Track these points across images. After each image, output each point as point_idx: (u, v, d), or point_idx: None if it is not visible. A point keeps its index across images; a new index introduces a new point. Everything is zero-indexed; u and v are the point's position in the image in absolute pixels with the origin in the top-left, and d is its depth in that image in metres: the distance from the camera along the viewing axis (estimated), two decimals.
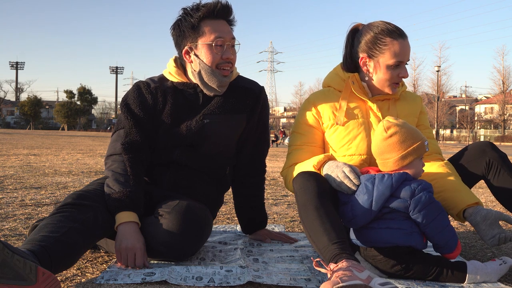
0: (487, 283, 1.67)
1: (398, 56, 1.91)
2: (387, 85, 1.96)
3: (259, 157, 2.24)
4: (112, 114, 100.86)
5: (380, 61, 1.93)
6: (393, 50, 1.91)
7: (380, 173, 1.72)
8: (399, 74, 1.95)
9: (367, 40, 1.95)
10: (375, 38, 1.93)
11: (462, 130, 53.66)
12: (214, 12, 1.98)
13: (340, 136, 1.97)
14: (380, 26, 1.94)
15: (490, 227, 1.75)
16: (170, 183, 2.04)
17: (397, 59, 1.91)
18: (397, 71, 1.94)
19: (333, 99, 2.03)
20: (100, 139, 23.87)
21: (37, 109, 66.28)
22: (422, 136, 1.77)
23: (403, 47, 1.92)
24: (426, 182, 1.70)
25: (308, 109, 2.05)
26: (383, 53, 1.92)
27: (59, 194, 3.83)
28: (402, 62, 1.94)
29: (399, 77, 1.96)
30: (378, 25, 1.95)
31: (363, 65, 1.98)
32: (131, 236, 1.77)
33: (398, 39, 1.91)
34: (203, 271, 1.69)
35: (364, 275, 1.44)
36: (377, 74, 1.96)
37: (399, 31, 1.93)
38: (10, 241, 2.21)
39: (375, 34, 1.94)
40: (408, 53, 1.94)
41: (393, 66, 1.93)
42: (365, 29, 1.98)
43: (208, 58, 1.98)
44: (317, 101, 2.04)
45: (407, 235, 1.68)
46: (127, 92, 2.10)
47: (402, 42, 1.92)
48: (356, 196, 1.71)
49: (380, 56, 1.93)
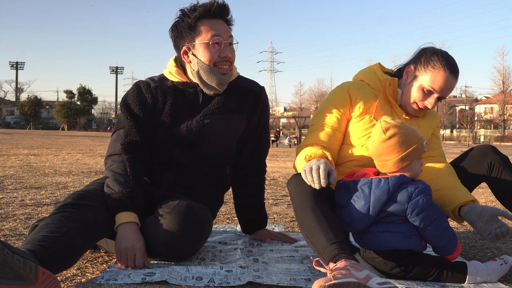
0: (488, 283, 1.67)
1: (436, 85, 1.91)
2: (410, 103, 1.97)
3: (259, 157, 2.24)
4: (112, 114, 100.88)
5: (419, 78, 1.94)
6: (435, 77, 1.91)
7: (377, 178, 1.70)
8: (425, 100, 1.95)
9: (422, 54, 1.97)
10: (430, 58, 1.94)
11: (462, 130, 53.69)
12: (210, 12, 1.98)
13: (364, 127, 1.97)
14: (442, 53, 1.96)
15: (487, 223, 1.75)
16: (170, 183, 2.04)
17: (433, 86, 1.91)
18: (426, 97, 1.94)
19: (366, 92, 2.02)
20: (100, 139, 23.87)
21: (37, 109, 66.29)
22: (420, 136, 1.76)
23: (445, 81, 1.91)
24: (423, 185, 1.69)
25: (341, 93, 2.03)
26: (426, 73, 1.93)
27: (59, 194, 3.83)
28: (435, 93, 1.93)
29: (423, 103, 1.95)
30: (442, 52, 1.96)
31: (406, 73, 2.00)
32: (131, 237, 1.77)
33: (446, 71, 1.91)
34: (203, 271, 1.69)
35: (362, 274, 1.44)
36: (409, 88, 1.97)
37: (453, 67, 1.92)
38: (10, 241, 2.21)
39: (433, 54, 1.95)
40: (446, 90, 1.93)
41: (426, 89, 1.93)
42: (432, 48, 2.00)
43: (206, 56, 1.98)
44: (351, 89, 2.02)
45: (406, 238, 1.67)
46: (127, 91, 2.10)
47: (448, 77, 1.91)
48: (353, 201, 1.70)
49: (422, 74, 1.94)
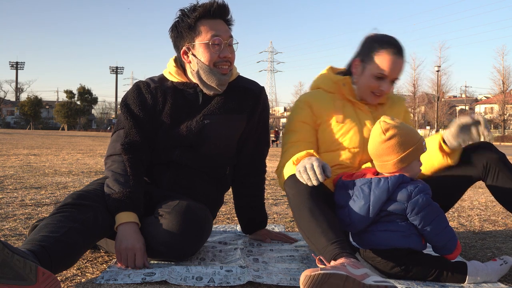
0: (488, 283, 1.67)
1: (384, 69, 1.95)
2: (367, 94, 2.02)
3: (259, 157, 2.24)
4: (112, 114, 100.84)
5: (367, 68, 1.98)
6: (381, 62, 1.95)
7: (376, 177, 1.70)
8: (380, 86, 1.98)
9: (364, 45, 2.02)
10: (371, 45, 1.99)
11: None
12: (210, 12, 1.98)
13: (334, 131, 2.01)
14: (382, 37, 1.99)
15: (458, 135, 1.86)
16: (170, 183, 2.04)
17: (382, 72, 1.95)
18: (379, 83, 1.98)
19: (325, 99, 2.06)
20: (100, 139, 23.87)
21: (37, 109, 66.27)
22: (419, 136, 1.76)
23: (392, 62, 1.94)
24: (423, 184, 1.69)
25: (302, 107, 2.07)
26: (372, 62, 1.97)
27: (59, 194, 3.83)
28: (387, 77, 1.96)
29: (379, 90, 1.99)
30: (383, 36, 2.00)
31: (354, 67, 2.04)
32: (131, 237, 1.77)
33: (390, 54, 1.94)
34: (203, 271, 1.69)
35: (359, 271, 1.43)
36: (361, 79, 2.01)
37: (395, 48, 1.96)
38: (10, 241, 2.21)
39: (373, 41, 2.00)
40: (396, 71, 1.97)
41: (377, 77, 1.96)
42: (370, 36, 2.03)
43: (205, 57, 1.98)
44: (310, 100, 2.07)
45: (405, 237, 1.67)
46: (127, 92, 2.10)
47: (394, 58, 1.95)
48: (352, 201, 1.70)
49: (369, 63, 1.98)
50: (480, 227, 2.89)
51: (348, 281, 1.38)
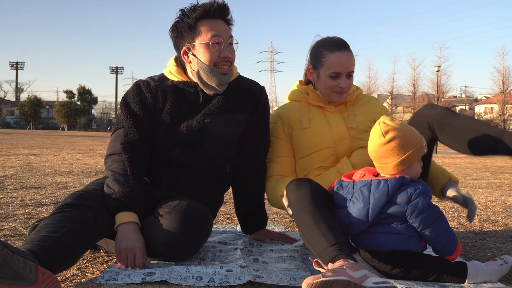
0: (488, 283, 1.67)
1: (335, 67, 2.07)
2: (330, 93, 2.13)
3: (260, 157, 2.24)
4: (112, 114, 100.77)
5: (321, 72, 2.12)
6: (330, 62, 2.08)
7: (376, 179, 1.70)
8: (339, 84, 2.09)
9: (312, 53, 2.17)
10: (316, 51, 2.14)
11: None
12: (210, 12, 1.98)
13: (304, 137, 2.13)
14: (324, 40, 2.14)
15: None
16: (170, 183, 2.04)
17: (335, 70, 2.07)
18: (336, 81, 2.09)
19: (295, 109, 2.20)
20: (100, 139, 23.86)
21: (37, 109, 66.18)
22: (420, 136, 1.74)
23: (339, 59, 2.07)
24: (423, 186, 1.68)
25: (274, 122, 2.23)
26: (322, 65, 2.11)
27: (59, 194, 3.84)
28: (341, 73, 2.08)
29: (338, 87, 2.10)
30: (323, 39, 2.15)
31: (310, 76, 2.19)
32: (131, 236, 1.77)
33: (335, 52, 2.07)
34: (203, 271, 1.68)
35: (358, 274, 1.43)
36: (320, 83, 2.14)
37: (338, 45, 2.08)
38: (10, 241, 2.21)
39: (317, 47, 2.14)
40: (346, 66, 2.09)
41: (331, 77, 2.08)
42: (315, 44, 2.17)
43: (205, 57, 1.98)
44: (280, 113, 2.22)
45: (405, 240, 1.67)
46: (127, 91, 2.10)
47: (339, 55, 2.07)
48: (352, 202, 1.70)
49: (321, 68, 2.11)
50: (480, 227, 2.89)
51: (350, 286, 1.38)
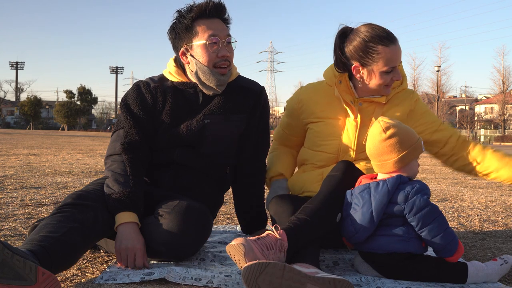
0: (488, 283, 1.67)
1: (392, 62, 1.94)
2: (383, 88, 2.01)
3: (260, 157, 2.23)
4: (112, 114, 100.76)
5: (374, 69, 1.95)
6: (386, 58, 1.93)
7: (374, 181, 1.69)
8: (393, 77, 1.99)
9: (357, 49, 1.95)
10: (366, 46, 1.93)
11: (462, 130, 53.57)
12: (206, 11, 1.98)
13: (316, 132, 2.08)
14: (370, 32, 1.94)
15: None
16: (170, 183, 2.03)
17: (391, 65, 1.95)
18: (390, 75, 1.98)
19: (322, 94, 2.11)
20: (100, 139, 23.86)
21: (37, 109, 66.18)
22: (417, 136, 1.76)
23: (395, 52, 1.94)
24: (420, 184, 1.67)
25: (292, 104, 2.18)
26: (376, 62, 1.94)
27: (59, 194, 3.83)
28: (395, 67, 1.97)
29: (392, 80, 2.00)
30: (368, 31, 1.94)
31: (356, 73, 2.00)
32: (131, 237, 1.77)
33: (390, 46, 1.92)
34: (202, 274, 1.68)
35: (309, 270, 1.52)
36: (371, 80, 1.98)
37: (389, 36, 1.94)
38: (10, 241, 2.21)
39: (366, 42, 1.93)
40: (399, 57, 1.98)
41: (387, 71, 1.96)
42: (354, 36, 1.98)
43: (204, 57, 1.97)
44: (303, 97, 2.14)
45: (405, 242, 1.66)
46: (127, 91, 2.10)
47: (394, 48, 1.93)
48: (353, 210, 1.69)
49: (374, 64, 1.94)
50: (480, 227, 2.89)
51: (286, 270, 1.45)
